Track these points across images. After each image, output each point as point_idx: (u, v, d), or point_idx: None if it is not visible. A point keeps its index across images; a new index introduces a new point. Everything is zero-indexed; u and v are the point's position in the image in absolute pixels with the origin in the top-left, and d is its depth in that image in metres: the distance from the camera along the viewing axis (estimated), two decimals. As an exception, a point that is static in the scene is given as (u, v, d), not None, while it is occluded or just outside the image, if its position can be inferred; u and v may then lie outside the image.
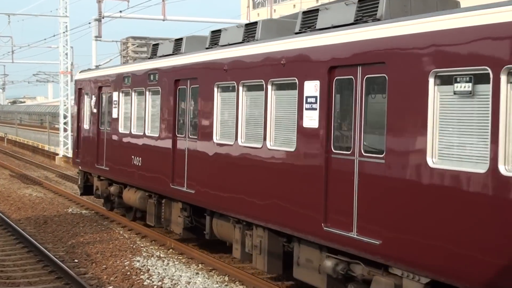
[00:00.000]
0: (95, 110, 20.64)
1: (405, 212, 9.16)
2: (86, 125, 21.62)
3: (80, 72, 23.35)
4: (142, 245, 17.96)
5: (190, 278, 14.66)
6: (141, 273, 14.96)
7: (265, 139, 11.98)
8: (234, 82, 12.92)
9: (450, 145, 8.70)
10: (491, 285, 7.96)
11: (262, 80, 12.08)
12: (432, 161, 8.82)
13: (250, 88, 12.67)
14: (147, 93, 17.16)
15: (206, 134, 14.00)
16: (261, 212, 12.06)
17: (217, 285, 14.12)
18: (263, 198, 11.97)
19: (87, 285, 12.96)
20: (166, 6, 34.31)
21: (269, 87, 11.99)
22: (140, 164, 17.33)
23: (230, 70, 13.10)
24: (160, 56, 17.20)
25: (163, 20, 35.20)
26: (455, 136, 8.64)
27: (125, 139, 18.49)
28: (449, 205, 8.49)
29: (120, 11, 33.66)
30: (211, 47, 14.48)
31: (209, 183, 13.86)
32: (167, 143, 15.90)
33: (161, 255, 16.72)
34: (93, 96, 20.84)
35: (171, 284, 14.12)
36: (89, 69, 23.35)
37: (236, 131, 12.85)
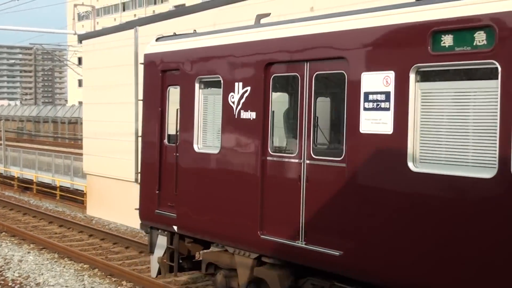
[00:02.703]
0: (250, 115, 10.21)
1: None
2: (198, 146, 11.34)
3: (158, 40, 12.47)
4: (-25, 230, 19.97)
5: (22, 257, 16.51)
6: (-25, 255, 16.89)
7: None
8: None
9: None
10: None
11: None
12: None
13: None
14: None
15: None
16: None
17: (48, 262, 16.17)
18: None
19: None
20: (-6, 16, 39.89)
21: None
22: None
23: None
24: None
25: (-9, 28, 36.83)
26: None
27: None
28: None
29: None
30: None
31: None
32: None
33: (-6, 238, 18.89)
34: (240, 85, 10.36)
35: (4, 263, 15.85)
36: (195, 33, 12.15)
37: None
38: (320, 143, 9.60)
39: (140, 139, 13.26)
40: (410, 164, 8.02)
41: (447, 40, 7.72)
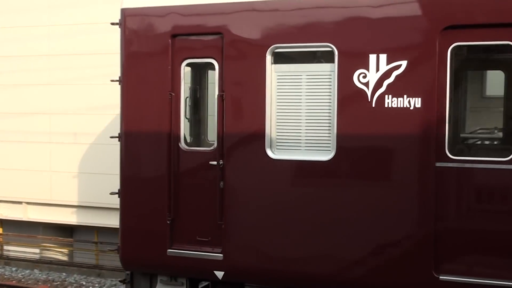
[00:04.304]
0: (408, 103, 6.80)
1: None
2: (273, 150, 7.56)
3: None
4: None
5: None
6: None
7: None
8: None
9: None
10: None
11: None
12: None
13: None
14: None
15: None
16: None
17: None
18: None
19: None
20: None
21: None
22: None
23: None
24: None
25: None
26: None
27: None
28: None
29: None
30: None
31: None
32: None
33: None
34: (383, 58, 6.85)
35: None
36: None
37: None
38: None
39: (112, 140, 8.54)
40: None
41: None
